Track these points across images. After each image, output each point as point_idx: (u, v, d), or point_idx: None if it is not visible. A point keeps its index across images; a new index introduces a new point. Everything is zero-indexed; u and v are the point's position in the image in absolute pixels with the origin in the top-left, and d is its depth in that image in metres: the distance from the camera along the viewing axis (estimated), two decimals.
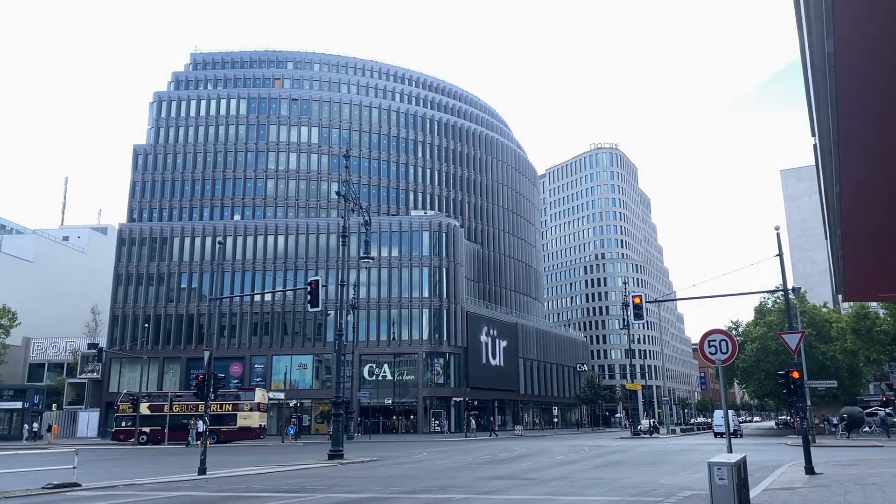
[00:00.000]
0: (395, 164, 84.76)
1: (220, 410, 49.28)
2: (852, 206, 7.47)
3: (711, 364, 12.25)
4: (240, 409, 50.36)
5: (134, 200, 78.97)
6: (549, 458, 29.68)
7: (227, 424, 49.54)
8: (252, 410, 50.41)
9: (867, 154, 6.63)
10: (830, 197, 7.45)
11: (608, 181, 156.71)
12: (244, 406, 50.56)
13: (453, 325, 73.18)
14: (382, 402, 70.46)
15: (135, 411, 49.89)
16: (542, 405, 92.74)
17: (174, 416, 50.66)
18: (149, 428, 50.03)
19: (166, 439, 49.30)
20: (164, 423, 50.26)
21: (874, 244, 10.03)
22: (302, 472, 23.00)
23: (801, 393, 21.20)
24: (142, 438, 49.53)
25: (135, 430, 49.65)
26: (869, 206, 7.83)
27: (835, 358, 62.27)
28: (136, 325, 72.80)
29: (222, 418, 49.25)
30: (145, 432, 49.85)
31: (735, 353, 11.75)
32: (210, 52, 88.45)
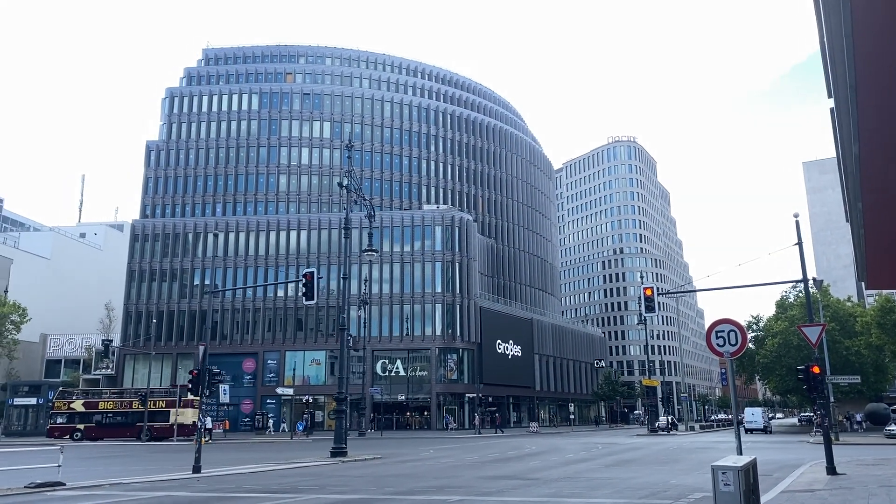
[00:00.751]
0: (407, 159, 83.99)
1: (154, 407, 50.20)
2: (871, 167, 6.54)
3: (720, 357, 11.26)
4: (173, 405, 50.75)
5: (147, 197, 78.99)
6: (559, 456, 28.73)
7: (160, 421, 49.97)
8: (185, 407, 50.63)
9: (886, 110, 5.72)
10: (849, 161, 6.53)
11: (626, 174, 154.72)
12: (178, 403, 51.03)
13: (466, 320, 72.28)
14: (395, 398, 69.79)
15: (70, 408, 50.57)
16: (558, 402, 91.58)
17: (108, 413, 51.07)
18: (83, 425, 50.20)
19: (100, 437, 49.30)
20: (100, 421, 50.55)
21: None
22: (299, 471, 22.28)
23: (821, 389, 20.05)
24: (76, 435, 49.59)
25: (70, 427, 49.95)
26: (888, 167, 6.86)
27: (859, 353, 60.48)
28: (150, 321, 72.79)
29: (156, 415, 49.94)
30: (79, 429, 49.95)
31: (745, 344, 10.77)
32: (222, 48, 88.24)
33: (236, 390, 70.33)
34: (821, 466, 20.31)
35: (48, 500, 15.29)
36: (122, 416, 50.29)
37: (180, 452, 31.84)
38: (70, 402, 51.30)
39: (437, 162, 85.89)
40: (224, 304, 72.98)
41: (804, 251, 20.66)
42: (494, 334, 75.44)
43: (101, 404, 51.52)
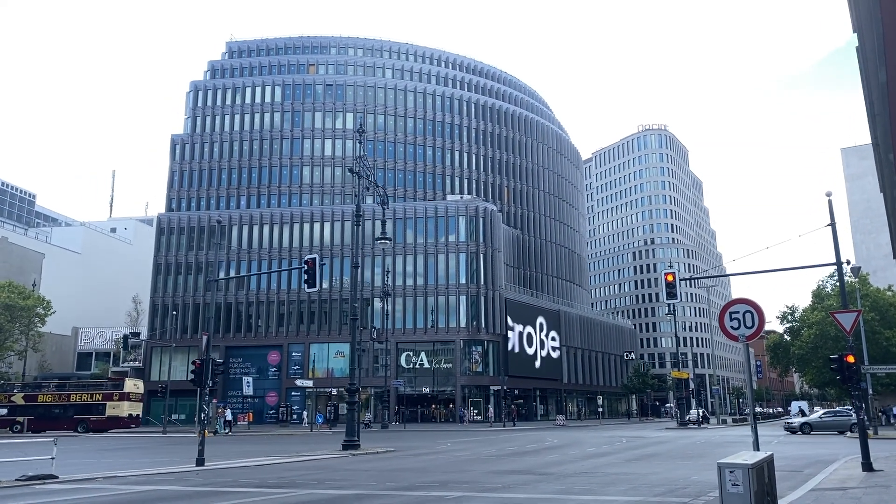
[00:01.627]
0: (430, 149, 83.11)
1: (90, 400, 50.62)
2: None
3: (734, 341, 10.17)
4: (109, 398, 50.86)
5: (172, 190, 79.45)
6: (579, 449, 27.66)
7: (96, 414, 50.24)
8: (121, 400, 50.82)
9: None
10: (883, 136, 5.55)
11: (657, 164, 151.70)
12: (113, 396, 51.13)
13: (491, 312, 71.25)
14: (420, 390, 69.22)
15: (10, 401, 51.18)
16: (587, 394, 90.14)
17: (47, 406, 51.40)
18: (24, 417, 50.52)
19: (41, 429, 49.24)
20: (41, 413, 50.80)
21: None
22: (306, 465, 21.60)
23: (856, 379, 18.67)
24: (16, 427, 50.04)
25: (11, 419, 50.53)
26: None
27: None
28: (176, 313, 73.28)
29: (91, 408, 50.36)
30: (20, 422, 50.35)
31: (762, 327, 9.68)
32: (245, 41, 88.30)
33: (261, 382, 70.53)
34: (856, 462, 18.93)
35: (37, 493, 14.81)
36: (61, 408, 50.88)
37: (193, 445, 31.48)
38: (11, 395, 52.21)
39: (462, 152, 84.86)
40: (249, 296, 73.08)
41: (837, 233, 19.24)
42: (520, 326, 74.27)
43: (41, 397, 52.12)
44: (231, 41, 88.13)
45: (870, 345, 57.20)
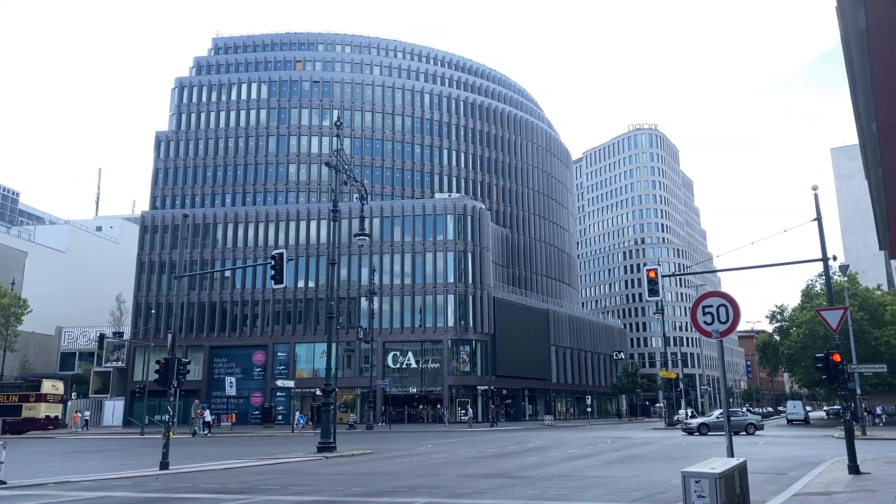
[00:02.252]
0: (419, 147, 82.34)
1: (6, 402, 49.92)
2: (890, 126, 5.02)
3: (708, 337, 9.50)
4: (26, 400, 50.32)
5: (157, 188, 78.38)
6: (561, 451, 26.99)
7: (11, 415, 49.49)
8: (38, 402, 50.31)
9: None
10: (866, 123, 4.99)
11: (647, 163, 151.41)
12: (30, 397, 50.57)
13: (480, 311, 70.56)
14: (407, 390, 68.48)
15: None
16: (576, 394, 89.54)
17: None
18: None
19: None
20: None
21: None
22: (275, 468, 20.83)
23: (842, 378, 18.07)
24: None
25: None
26: None
27: (889, 344, 57.68)
28: (159, 312, 72.26)
29: (7, 409, 49.71)
30: None
31: (737, 321, 9.02)
32: (231, 37, 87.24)
33: (246, 383, 69.61)
34: (842, 465, 18.33)
35: None
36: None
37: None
38: None
39: (451, 150, 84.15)
40: (234, 295, 72.13)
41: (823, 228, 18.63)
42: (508, 325, 73.63)
43: None
44: (217, 37, 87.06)
45: (858, 344, 56.81)
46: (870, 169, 7.67)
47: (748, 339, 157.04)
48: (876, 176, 7.02)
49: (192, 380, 71.19)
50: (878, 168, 6.54)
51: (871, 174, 7.22)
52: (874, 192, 8.18)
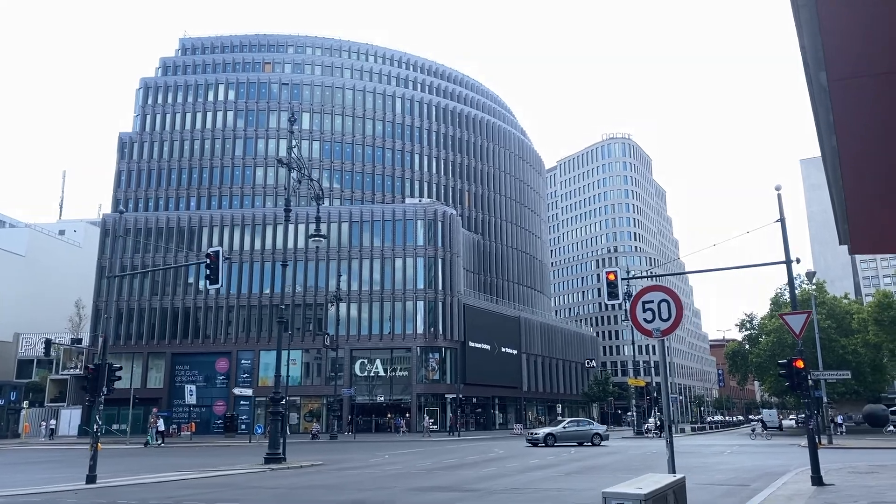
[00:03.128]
0: (390, 151, 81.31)
1: None
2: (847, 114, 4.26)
3: (648, 336, 8.60)
4: None
5: (119, 190, 76.30)
6: (521, 462, 26.01)
7: None
8: None
9: None
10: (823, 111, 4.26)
11: (621, 172, 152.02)
12: None
13: (450, 318, 69.54)
14: (374, 399, 67.13)
15: None
16: (547, 402, 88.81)
17: None
18: None
19: None
20: None
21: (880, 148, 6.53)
22: (211, 481, 19.55)
23: (805, 386, 17.36)
24: None
25: None
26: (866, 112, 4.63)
27: (856, 352, 57.86)
28: (120, 319, 70.17)
29: None
30: None
31: (680, 319, 8.11)
32: (199, 38, 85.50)
33: (208, 391, 67.75)
34: (806, 475, 17.62)
35: None
36: None
37: (108, 458, 29.24)
38: None
39: (423, 155, 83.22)
40: (197, 301, 70.27)
41: (787, 228, 17.96)
42: (479, 333, 72.68)
43: None
44: (185, 38, 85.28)
45: (826, 352, 56.80)
46: (824, 139, 6.75)
47: (720, 347, 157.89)
48: (830, 147, 6.14)
49: (153, 388, 69.38)
50: (832, 136, 5.61)
51: (826, 145, 6.34)
52: (829, 171, 7.32)
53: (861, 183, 7.51)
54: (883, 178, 7.47)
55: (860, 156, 7.13)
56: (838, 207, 8.23)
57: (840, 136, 6.30)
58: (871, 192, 7.91)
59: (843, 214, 8.27)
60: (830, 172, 7.32)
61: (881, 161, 7.05)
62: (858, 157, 7.19)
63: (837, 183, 7.47)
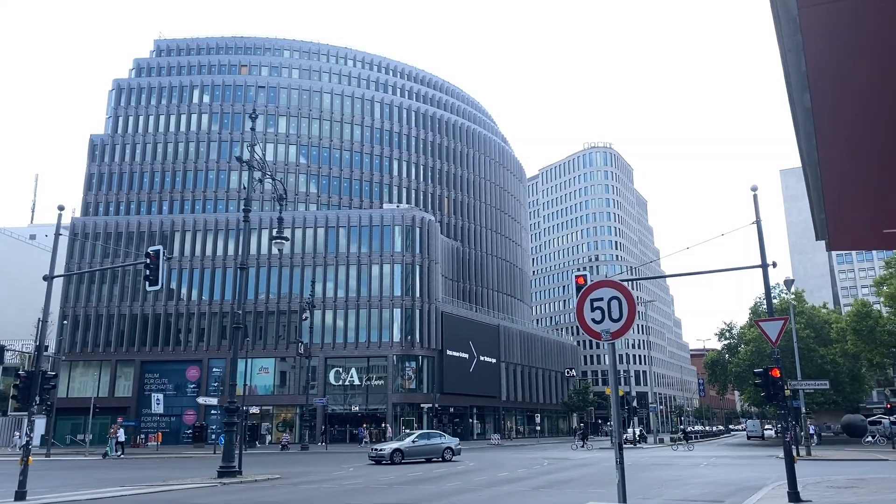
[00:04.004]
0: (368, 156, 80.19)
1: None
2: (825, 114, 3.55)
3: (597, 338, 7.57)
4: None
5: (90, 194, 74.43)
6: (490, 475, 24.89)
7: None
8: None
9: None
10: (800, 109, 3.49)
11: (602, 181, 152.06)
12: None
13: (427, 326, 68.36)
14: (349, 408, 65.70)
15: None
16: (527, 412, 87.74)
17: None
18: None
19: None
20: None
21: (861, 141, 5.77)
22: (154, 497, 18.24)
23: (782, 396, 16.46)
24: None
25: None
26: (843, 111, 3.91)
27: (835, 362, 57.44)
28: (88, 325, 68.24)
29: None
30: None
31: (632, 319, 7.11)
32: (174, 39, 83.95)
33: (178, 400, 65.89)
34: (783, 489, 16.68)
35: None
36: None
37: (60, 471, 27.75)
38: None
39: (401, 160, 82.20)
40: (168, 307, 68.52)
41: (762, 230, 17.10)
42: (457, 341, 71.55)
43: None
44: (160, 39, 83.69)
45: (805, 362, 56.33)
46: (800, 128, 5.90)
47: (700, 356, 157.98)
48: (805, 123, 5.21)
49: (122, 396, 67.40)
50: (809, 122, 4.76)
51: (800, 122, 5.40)
52: (805, 159, 6.43)
53: (839, 175, 6.66)
54: (861, 169, 6.63)
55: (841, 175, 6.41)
56: (815, 201, 7.34)
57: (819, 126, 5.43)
58: (850, 182, 7.04)
59: (821, 205, 7.36)
60: (807, 161, 6.43)
61: (859, 153, 6.22)
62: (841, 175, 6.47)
63: (815, 173, 6.61)
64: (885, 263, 52.92)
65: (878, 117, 5.17)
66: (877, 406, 79.84)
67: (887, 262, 52.74)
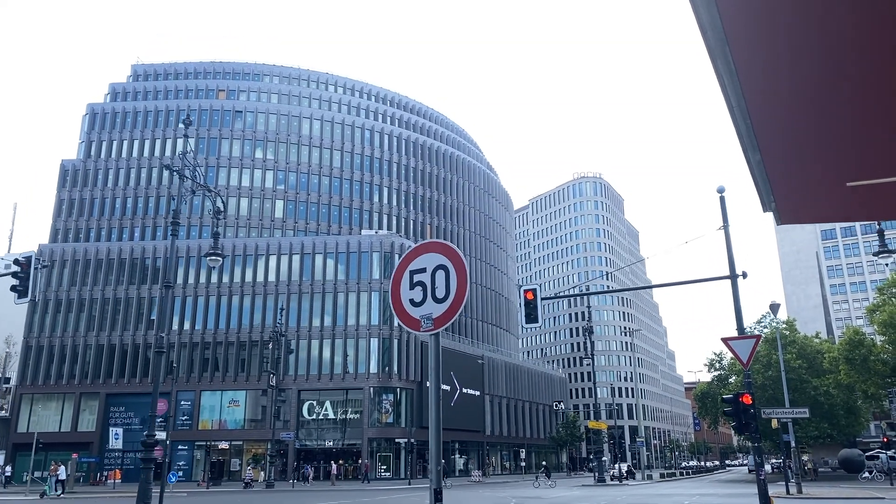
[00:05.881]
0: (348, 182, 78.38)
1: None
2: None
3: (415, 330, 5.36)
4: None
5: (59, 220, 72.20)
6: None
7: None
8: None
9: None
10: None
11: (592, 211, 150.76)
12: None
13: (406, 356, 65.75)
14: (321, 444, 62.71)
15: None
16: (513, 447, 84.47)
17: None
18: None
19: None
20: None
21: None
22: None
23: (754, 426, 14.15)
24: None
25: None
26: None
27: (828, 393, 54.96)
28: (52, 356, 65.44)
29: None
30: None
31: (462, 298, 4.93)
32: (152, 64, 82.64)
33: (143, 435, 62.76)
34: None
35: None
36: None
37: None
38: None
39: (382, 186, 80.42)
40: (136, 338, 65.86)
41: (731, 236, 15.00)
42: None
43: None
44: (137, 64, 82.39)
45: (797, 394, 53.90)
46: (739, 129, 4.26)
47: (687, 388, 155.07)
48: (734, 89, 3.47)
49: (85, 431, 64.28)
50: (735, 82, 3.17)
51: (727, 83, 3.65)
52: (738, 119, 4.64)
53: (775, 130, 4.79)
54: (796, 118, 4.74)
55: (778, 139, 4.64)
56: (763, 188, 5.37)
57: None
58: (790, 134, 5.12)
59: (763, 174, 5.35)
60: (738, 114, 4.56)
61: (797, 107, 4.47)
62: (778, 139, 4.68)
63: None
64: (878, 290, 50.89)
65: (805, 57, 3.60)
66: (874, 440, 77.11)
67: (880, 288, 50.75)
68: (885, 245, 21.33)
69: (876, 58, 3.68)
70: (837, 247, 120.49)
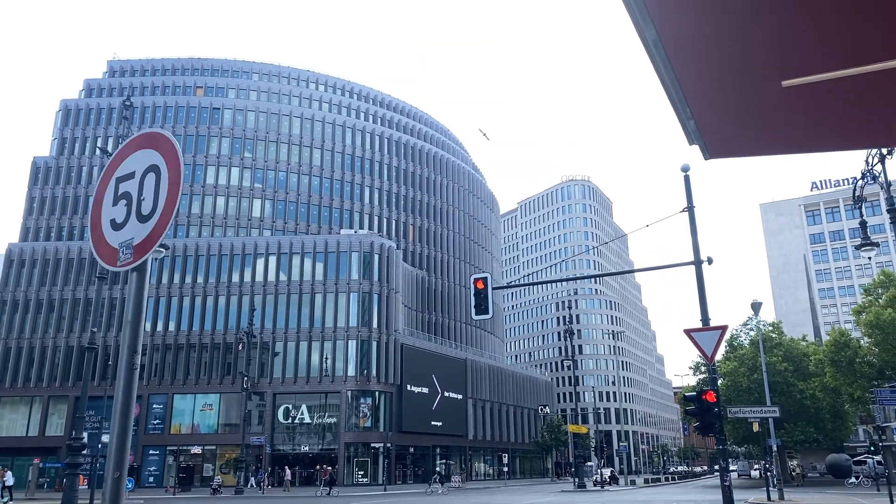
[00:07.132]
0: (328, 180, 76.91)
1: None
2: None
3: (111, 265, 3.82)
4: None
5: (30, 219, 70.38)
6: None
7: None
8: None
9: None
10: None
11: (580, 214, 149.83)
12: None
13: (385, 359, 64.14)
14: (297, 448, 61.00)
15: None
16: (496, 452, 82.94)
17: None
18: None
19: None
20: None
21: None
22: None
23: (719, 426, 12.74)
24: None
25: None
26: None
27: (815, 397, 53.77)
28: (19, 357, 63.54)
29: None
30: None
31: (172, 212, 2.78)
32: (129, 60, 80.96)
33: None
34: None
35: None
36: None
37: None
38: None
39: (364, 185, 78.97)
40: (107, 339, 64.02)
41: (696, 219, 13.58)
42: (419, 375, 67.27)
43: None
44: (113, 60, 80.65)
45: (784, 398, 52.64)
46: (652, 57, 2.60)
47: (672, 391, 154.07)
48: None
49: (52, 435, 62.31)
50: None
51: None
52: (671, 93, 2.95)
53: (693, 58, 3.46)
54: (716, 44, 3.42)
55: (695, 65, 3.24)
56: (676, 97, 3.99)
57: None
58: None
59: (683, 102, 3.96)
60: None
61: None
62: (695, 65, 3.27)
63: (682, 102, 3.39)
64: (865, 291, 49.81)
65: None
66: (862, 445, 76.02)
67: (866, 289, 49.67)
68: (868, 237, 20.02)
69: None
70: (826, 251, 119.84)
